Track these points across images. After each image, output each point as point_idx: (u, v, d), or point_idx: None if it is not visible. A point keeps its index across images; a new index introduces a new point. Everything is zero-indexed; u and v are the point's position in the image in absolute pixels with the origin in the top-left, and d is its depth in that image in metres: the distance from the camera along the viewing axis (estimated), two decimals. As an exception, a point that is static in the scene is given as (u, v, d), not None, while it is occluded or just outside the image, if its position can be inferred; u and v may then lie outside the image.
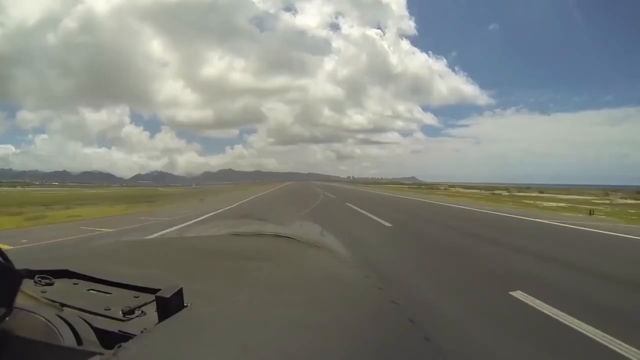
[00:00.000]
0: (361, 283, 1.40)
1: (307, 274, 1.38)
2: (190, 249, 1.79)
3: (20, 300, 0.58)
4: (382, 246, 8.07)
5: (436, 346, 0.97)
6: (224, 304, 0.90)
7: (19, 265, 0.55)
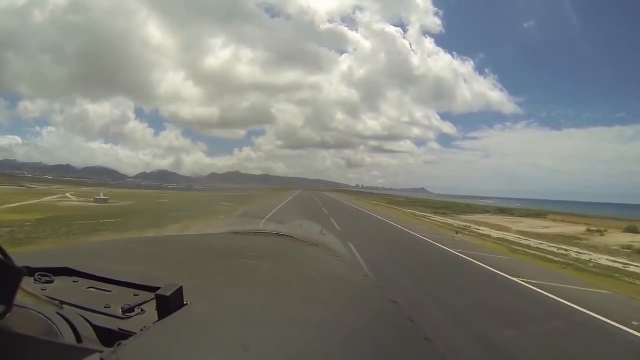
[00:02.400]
0: (361, 282, 1.42)
1: (307, 273, 1.39)
2: (191, 247, 1.81)
3: (20, 298, 0.58)
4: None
5: (436, 346, 0.97)
6: (224, 303, 0.91)
7: (19, 262, 0.55)
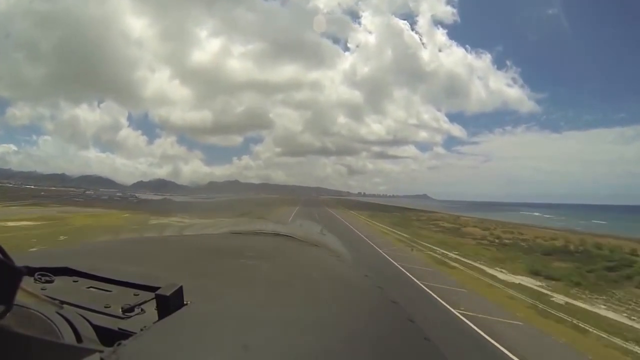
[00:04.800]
0: (361, 282, 1.41)
1: (307, 273, 1.40)
2: (191, 247, 1.82)
3: (20, 298, 0.58)
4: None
5: (436, 346, 0.97)
6: (224, 303, 0.91)
7: (19, 262, 0.56)
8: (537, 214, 63.51)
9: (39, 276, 0.94)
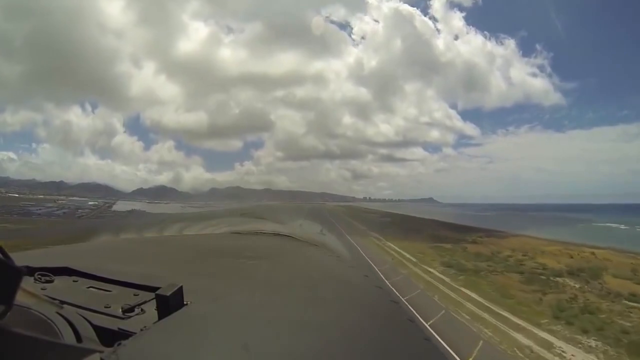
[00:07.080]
0: (361, 282, 1.42)
1: (307, 273, 1.41)
2: (191, 247, 1.83)
3: (20, 298, 0.58)
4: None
5: (435, 346, 0.98)
6: (224, 303, 0.92)
7: (19, 262, 0.56)
8: (623, 226, 42.35)
9: (39, 276, 0.95)
